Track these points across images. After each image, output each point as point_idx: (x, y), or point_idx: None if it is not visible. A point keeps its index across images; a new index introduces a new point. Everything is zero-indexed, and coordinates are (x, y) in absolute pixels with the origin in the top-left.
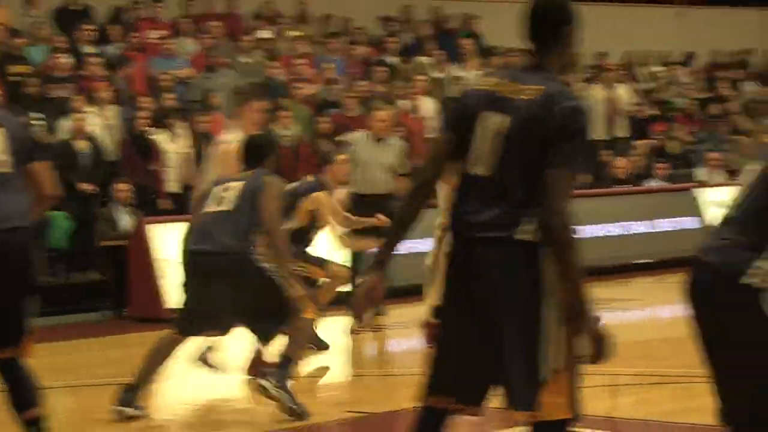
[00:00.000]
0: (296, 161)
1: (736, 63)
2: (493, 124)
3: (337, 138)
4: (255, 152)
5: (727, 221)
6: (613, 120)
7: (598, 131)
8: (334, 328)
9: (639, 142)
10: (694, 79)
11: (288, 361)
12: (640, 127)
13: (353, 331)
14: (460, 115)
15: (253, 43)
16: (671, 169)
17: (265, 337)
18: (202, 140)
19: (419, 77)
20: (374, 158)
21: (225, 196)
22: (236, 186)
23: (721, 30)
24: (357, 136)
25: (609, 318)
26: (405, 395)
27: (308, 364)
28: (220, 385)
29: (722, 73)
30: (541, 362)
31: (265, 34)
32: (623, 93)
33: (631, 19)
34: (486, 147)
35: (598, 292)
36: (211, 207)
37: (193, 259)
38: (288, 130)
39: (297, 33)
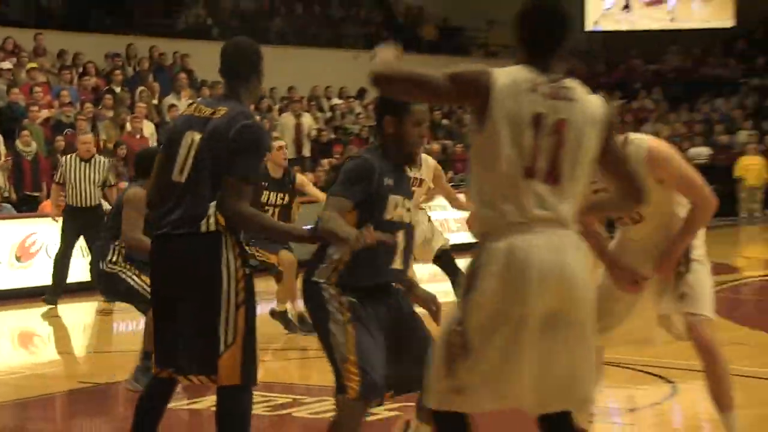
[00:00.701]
0: (37, 172)
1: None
2: (191, 140)
3: (60, 155)
4: (144, 164)
5: None
6: (301, 142)
7: (288, 152)
8: (80, 309)
9: (322, 161)
10: (365, 110)
11: (147, 355)
12: (322, 149)
13: (100, 312)
14: (171, 137)
15: None
16: None
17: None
18: None
19: (140, 104)
20: (82, 176)
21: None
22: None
23: None
24: (66, 158)
25: None
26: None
27: (49, 342)
28: None
29: None
30: (218, 337)
31: (6, 65)
32: (309, 120)
33: (317, 59)
34: (185, 158)
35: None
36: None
37: None
38: (28, 147)
39: (34, 65)
